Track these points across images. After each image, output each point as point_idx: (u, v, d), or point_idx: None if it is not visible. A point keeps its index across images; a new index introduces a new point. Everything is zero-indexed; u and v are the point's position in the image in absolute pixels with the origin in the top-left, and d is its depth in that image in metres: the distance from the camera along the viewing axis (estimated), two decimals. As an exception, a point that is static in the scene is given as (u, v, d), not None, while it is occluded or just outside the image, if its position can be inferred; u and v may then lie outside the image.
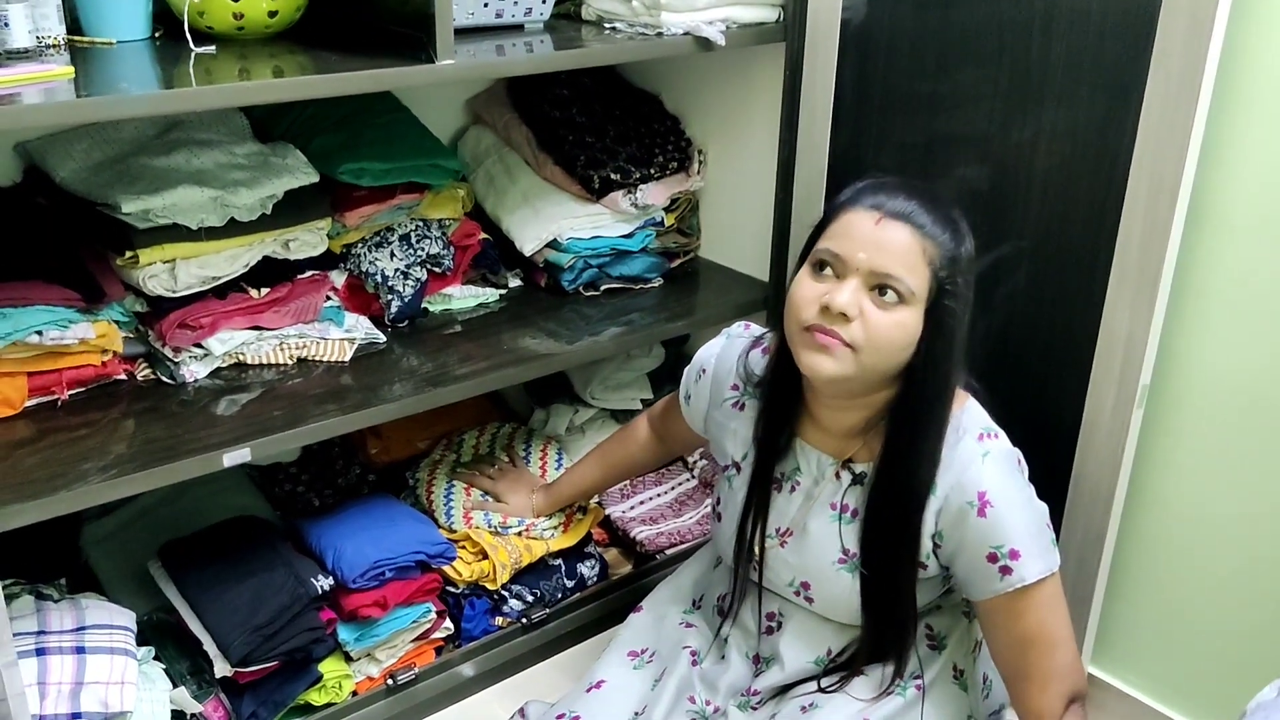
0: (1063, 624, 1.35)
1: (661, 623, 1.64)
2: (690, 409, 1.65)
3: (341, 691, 1.72)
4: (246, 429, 1.51)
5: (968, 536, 1.33)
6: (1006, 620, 1.35)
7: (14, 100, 1.22)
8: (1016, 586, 1.32)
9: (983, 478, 1.32)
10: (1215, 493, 1.62)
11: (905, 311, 1.29)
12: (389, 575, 1.71)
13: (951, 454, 1.35)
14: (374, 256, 1.81)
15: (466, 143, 2.15)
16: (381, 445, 2.09)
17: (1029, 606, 1.33)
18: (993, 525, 1.32)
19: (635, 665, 1.59)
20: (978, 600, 1.37)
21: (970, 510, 1.32)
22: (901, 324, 1.29)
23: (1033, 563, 1.32)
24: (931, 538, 1.37)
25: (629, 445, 1.86)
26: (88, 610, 1.57)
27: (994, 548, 1.32)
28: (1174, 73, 1.43)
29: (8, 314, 1.47)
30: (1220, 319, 1.56)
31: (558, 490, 1.92)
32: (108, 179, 1.61)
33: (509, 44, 1.68)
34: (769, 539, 1.49)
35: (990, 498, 1.32)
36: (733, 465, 1.55)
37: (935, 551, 1.38)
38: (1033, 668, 1.35)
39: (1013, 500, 1.33)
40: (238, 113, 1.83)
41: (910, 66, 1.73)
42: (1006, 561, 1.32)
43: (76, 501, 1.36)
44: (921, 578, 1.40)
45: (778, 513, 1.49)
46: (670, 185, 2.08)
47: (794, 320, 1.34)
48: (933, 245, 1.29)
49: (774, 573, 1.50)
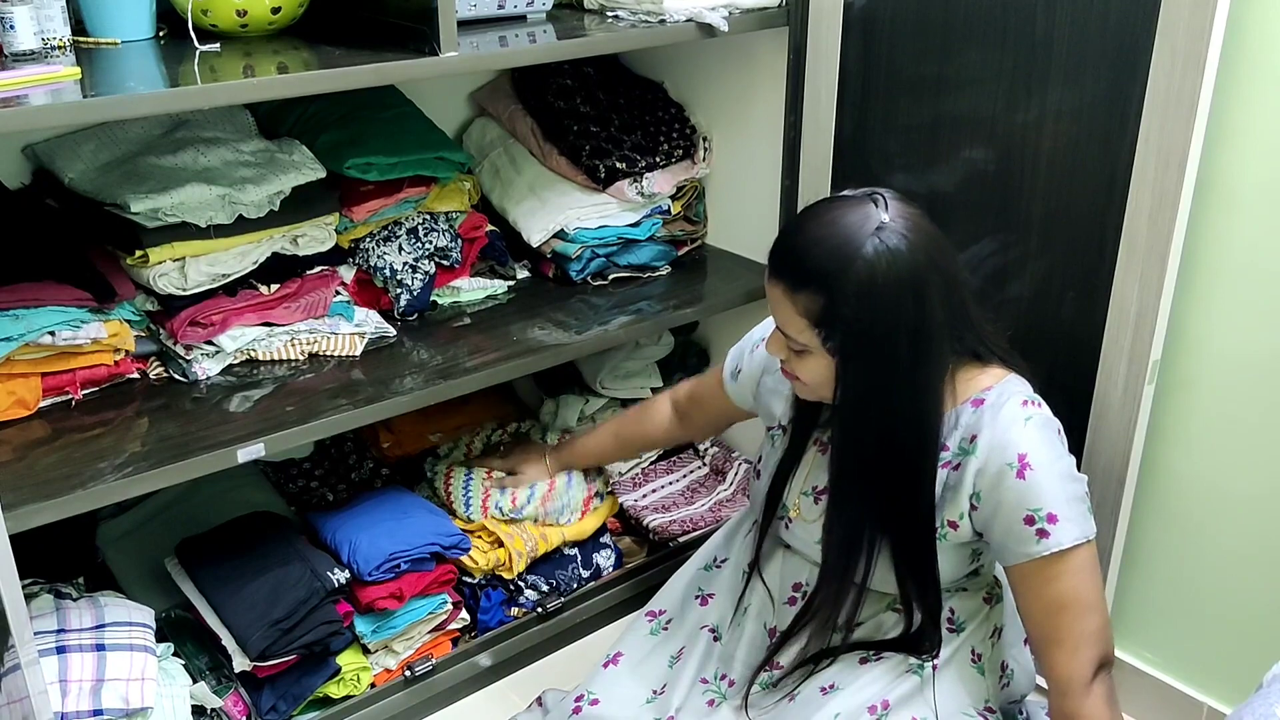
0: (1096, 590, 1.35)
1: (682, 587, 1.65)
2: (738, 383, 1.66)
3: (360, 684, 1.73)
4: (260, 425, 1.52)
5: (1006, 498, 1.33)
6: (1039, 585, 1.35)
7: (21, 102, 1.23)
8: (1052, 550, 1.31)
9: (1024, 440, 1.33)
10: (1229, 468, 1.62)
11: (811, 358, 1.36)
12: (404, 567, 1.71)
13: (995, 416, 1.35)
14: (382, 251, 1.81)
15: (471, 135, 2.16)
16: (394, 439, 2.09)
17: (1063, 571, 1.33)
18: (1031, 487, 1.32)
19: (652, 629, 1.60)
20: (1011, 565, 1.37)
21: (1010, 471, 1.32)
22: (814, 368, 1.36)
23: (1070, 528, 1.31)
24: (969, 498, 1.37)
25: (645, 423, 1.86)
26: (107, 608, 1.58)
27: (1032, 510, 1.32)
28: (1180, 45, 1.42)
29: (20, 315, 1.47)
30: (1230, 292, 1.56)
31: (569, 453, 1.94)
32: (116, 179, 1.61)
33: (512, 35, 1.68)
34: (804, 496, 1.50)
35: (1030, 460, 1.32)
36: (779, 426, 1.56)
37: (971, 514, 1.37)
38: (1064, 632, 1.34)
39: (1052, 465, 1.33)
40: (243, 110, 1.84)
41: (914, 47, 1.73)
42: (1044, 525, 1.31)
43: (93, 500, 1.37)
44: (953, 541, 1.40)
45: (817, 471, 1.50)
46: (676, 173, 2.08)
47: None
48: (805, 298, 1.32)
49: (804, 529, 1.50)
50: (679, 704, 1.49)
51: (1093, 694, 1.34)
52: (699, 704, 1.50)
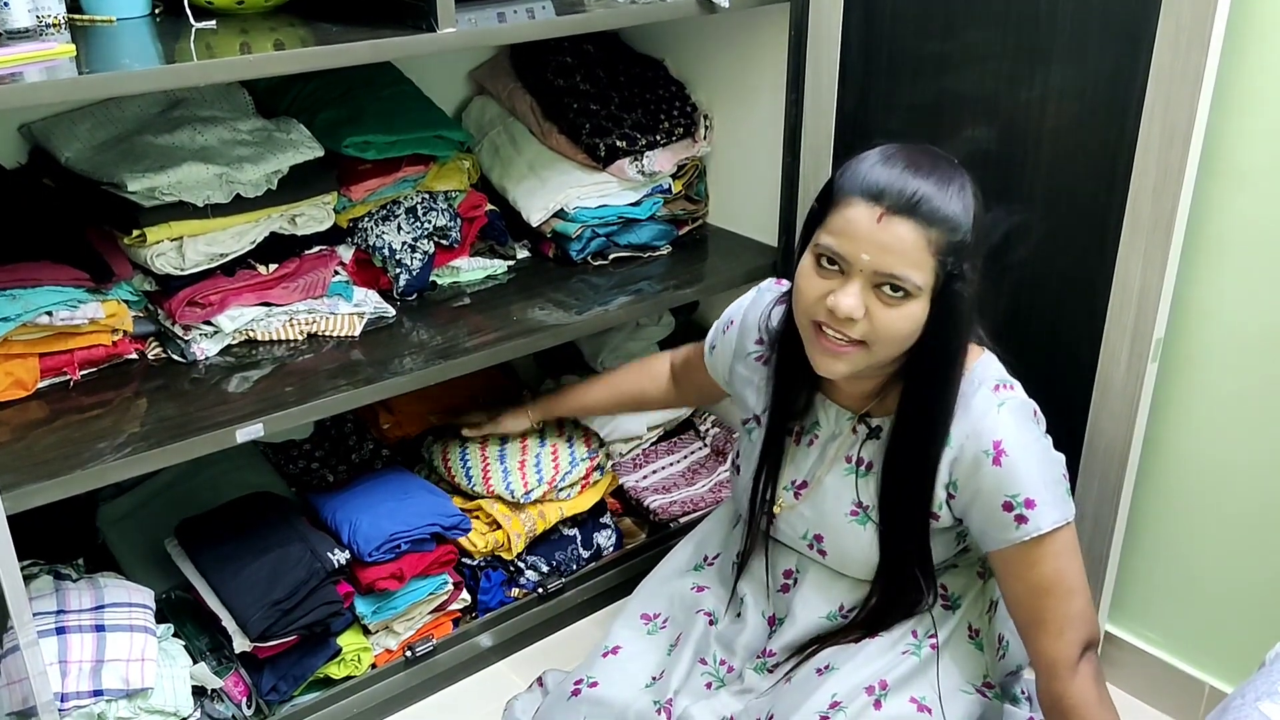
0: (1077, 572, 1.35)
1: (673, 587, 1.64)
2: (713, 359, 1.65)
3: (360, 664, 1.73)
4: (259, 405, 1.51)
5: (983, 485, 1.33)
6: (1021, 569, 1.35)
7: (16, 79, 1.21)
8: (1032, 535, 1.32)
9: (998, 427, 1.32)
10: (1232, 446, 1.62)
11: (912, 304, 1.29)
12: (404, 548, 1.71)
13: (967, 405, 1.35)
14: (381, 230, 1.80)
15: (471, 114, 2.14)
16: (394, 420, 2.09)
17: (1044, 555, 1.33)
18: (1008, 474, 1.32)
19: (649, 630, 1.60)
20: (992, 550, 1.37)
21: (985, 459, 1.32)
22: (909, 316, 1.29)
23: (1048, 511, 1.32)
24: (945, 488, 1.37)
25: (643, 379, 1.85)
26: (106, 589, 1.58)
27: (1009, 496, 1.32)
28: (1184, 20, 1.41)
29: (17, 295, 1.47)
30: (1234, 269, 1.55)
31: (558, 401, 1.92)
32: (113, 158, 1.60)
33: (510, 11, 1.66)
34: (785, 490, 1.50)
35: (1005, 447, 1.32)
36: (753, 418, 1.55)
37: (949, 502, 1.38)
38: (1048, 615, 1.35)
39: (1028, 449, 1.33)
40: (240, 89, 1.82)
41: (917, 25, 1.71)
42: (1022, 510, 1.32)
43: (92, 480, 1.37)
44: (934, 528, 1.40)
45: (795, 465, 1.49)
46: (677, 151, 2.07)
47: (802, 314, 1.35)
48: (938, 234, 1.27)
49: (789, 525, 1.50)
50: (677, 686, 1.49)
51: (1079, 674, 1.34)
52: (697, 686, 1.50)
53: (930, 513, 1.39)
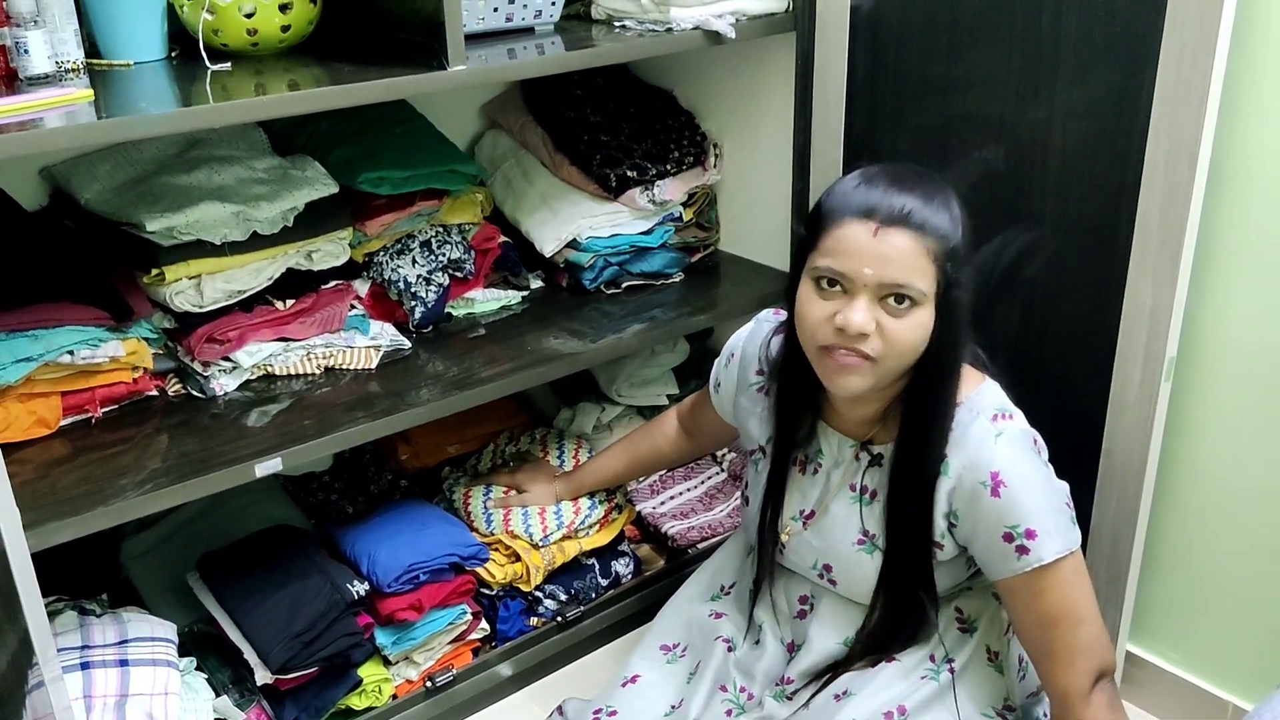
0: (1086, 601, 1.34)
1: (691, 616, 1.64)
2: (719, 396, 1.66)
3: (381, 695, 1.73)
4: (278, 439, 1.53)
5: (982, 517, 1.33)
6: (1027, 599, 1.34)
7: (37, 125, 1.24)
8: (1034, 566, 1.31)
9: (995, 458, 1.32)
10: (1249, 462, 1.61)
11: (919, 312, 1.30)
12: (423, 578, 1.72)
13: (964, 435, 1.34)
14: (396, 264, 1.82)
15: (483, 147, 2.17)
16: (411, 451, 2.10)
17: (1049, 585, 1.32)
18: (1007, 505, 1.31)
19: (669, 660, 1.59)
20: (997, 580, 1.37)
21: (984, 490, 1.32)
22: (918, 325, 1.30)
23: (1050, 542, 1.31)
24: (946, 517, 1.37)
25: (656, 439, 1.86)
26: (130, 624, 1.59)
27: (1009, 527, 1.31)
28: (1188, 37, 1.42)
29: (39, 335, 1.49)
30: (1245, 285, 1.55)
31: (580, 477, 1.92)
32: (131, 199, 1.63)
33: (520, 47, 1.69)
34: (793, 521, 1.50)
35: (1004, 477, 1.31)
36: (759, 449, 1.56)
37: (951, 531, 1.38)
38: (1057, 645, 1.34)
39: (1027, 480, 1.32)
40: (256, 128, 1.85)
41: (922, 49, 1.73)
42: (1023, 541, 1.31)
43: (114, 517, 1.38)
44: (940, 559, 1.40)
45: (801, 495, 1.50)
46: (687, 180, 2.08)
47: (809, 340, 1.35)
48: (934, 240, 1.28)
49: (798, 555, 1.50)
50: (697, 714, 1.49)
51: (1092, 705, 1.33)
52: (718, 713, 1.50)
53: (934, 540, 1.39)
